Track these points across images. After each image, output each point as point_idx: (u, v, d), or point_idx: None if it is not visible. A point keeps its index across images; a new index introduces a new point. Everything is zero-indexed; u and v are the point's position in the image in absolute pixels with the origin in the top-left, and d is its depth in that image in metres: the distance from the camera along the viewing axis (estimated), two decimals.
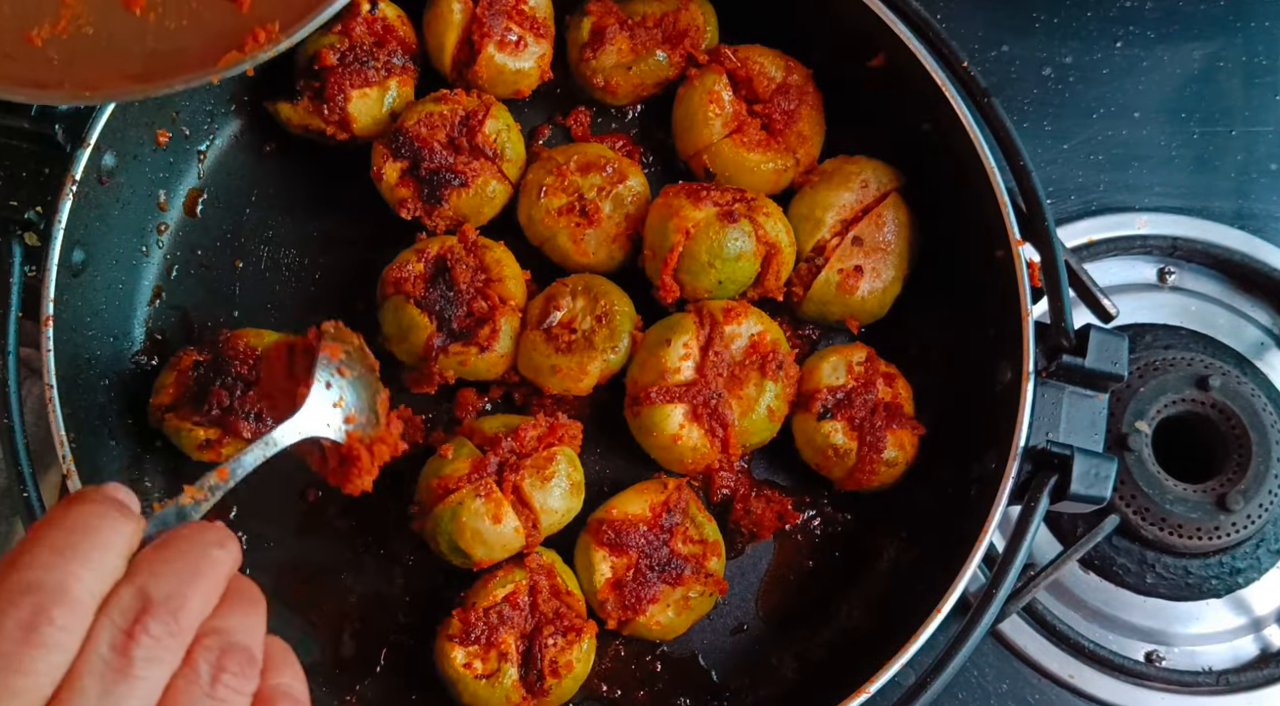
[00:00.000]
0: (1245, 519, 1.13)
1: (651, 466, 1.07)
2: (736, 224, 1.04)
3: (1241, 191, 1.29)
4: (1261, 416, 1.15)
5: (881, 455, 1.04)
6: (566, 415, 1.08)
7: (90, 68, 0.80)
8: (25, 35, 0.80)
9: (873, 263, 1.09)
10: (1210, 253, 1.25)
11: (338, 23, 1.09)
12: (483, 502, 0.98)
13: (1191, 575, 1.16)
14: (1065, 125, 1.30)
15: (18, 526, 1.20)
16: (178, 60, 0.79)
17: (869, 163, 1.12)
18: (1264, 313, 1.26)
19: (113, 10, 0.80)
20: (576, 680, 1.00)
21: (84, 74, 0.80)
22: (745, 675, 1.07)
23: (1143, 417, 1.16)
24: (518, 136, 1.13)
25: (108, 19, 0.80)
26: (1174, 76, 1.32)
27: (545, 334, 1.06)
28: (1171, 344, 1.22)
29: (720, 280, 1.06)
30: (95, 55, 0.80)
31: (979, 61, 1.30)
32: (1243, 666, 1.15)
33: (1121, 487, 1.14)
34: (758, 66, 1.13)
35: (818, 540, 1.10)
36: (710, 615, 1.07)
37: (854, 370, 1.07)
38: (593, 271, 1.10)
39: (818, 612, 1.09)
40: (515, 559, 1.02)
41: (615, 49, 1.15)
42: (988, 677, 1.14)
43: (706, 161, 1.12)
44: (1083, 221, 1.26)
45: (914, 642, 0.92)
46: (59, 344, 0.99)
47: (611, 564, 1.02)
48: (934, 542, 1.06)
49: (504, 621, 0.98)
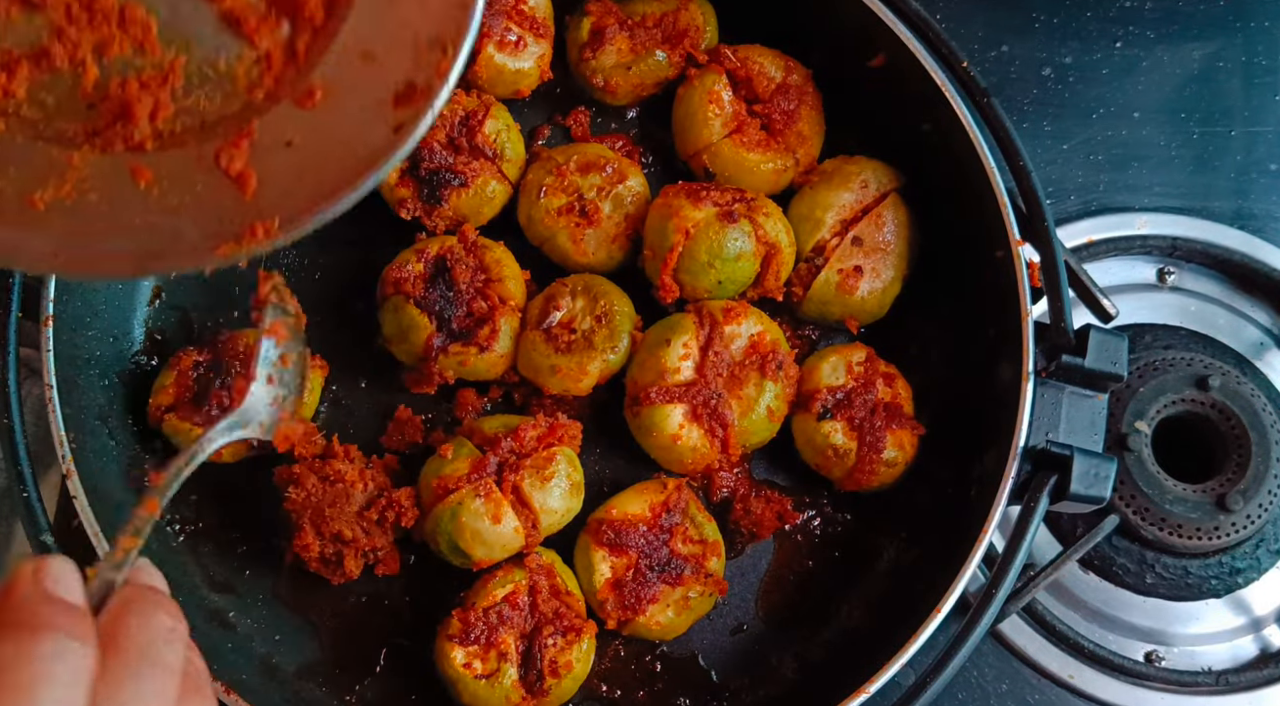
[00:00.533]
0: (1245, 519, 1.13)
1: (651, 466, 1.07)
2: (736, 224, 1.04)
3: (1241, 191, 1.29)
4: (1261, 416, 1.15)
5: (881, 455, 1.04)
6: (566, 415, 1.08)
7: (87, 236, 0.79)
8: (28, 198, 0.79)
9: (872, 263, 1.09)
10: (1210, 253, 1.25)
11: None
12: (482, 503, 0.98)
13: (1191, 575, 1.16)
14: (1065, 125, 1.30)
15: (17, 526, 1.20)
16: (174, 241, 0.78)
17: (869, 163, 1.12)
18: (1264, 313, 1.26)
19: (119, 179, 0.80)
20: (576, 680, 1.00)
21: (80, 244, 0.79)
22: (745, 675, 1.07)
23: (1142, 417, 1.16)
24: (517, 136, 1.13)
25: (112, 187, 0.80)
26: (1174, 76, 1.32)
27: (545, 334, 1.06)
28: (1171, 344, 1.22)
29: (720, 280, 1.06)
30: (94, 223, 0.79)
31: (979, 61, 1.30)
32: (1242, 666, 1.16)
33: (1121, 487, 1.14)
34: (758, 66, 1.13)
35: (818, 540, 1.10)
36: (710, 615, 1.07)
37: (854, 370, 1.07)
38: (593, 271, 1.10)
39: (818, 612, 1.09)
40: (515, 559, 1.02)
41: (615, 49, 1.15)
42: (988, 677, 1.14)
43: (706, 161, 1.12)
44: (1082, 221, 1.26)
45: (914, 642, 0.92)
46: (59, 344, 0.99)
47: (611, 564, 1.02)
48: (934, 542, 1.06)
49: (504, 621, 0.98)
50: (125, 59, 0.82)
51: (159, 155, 0.80)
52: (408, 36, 0.81)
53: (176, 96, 0.81)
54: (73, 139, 0.80)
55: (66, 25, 0.80)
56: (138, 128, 0.80)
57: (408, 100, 0.80)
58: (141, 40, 0.82)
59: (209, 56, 0.81)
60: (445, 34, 0.81)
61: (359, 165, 0.74)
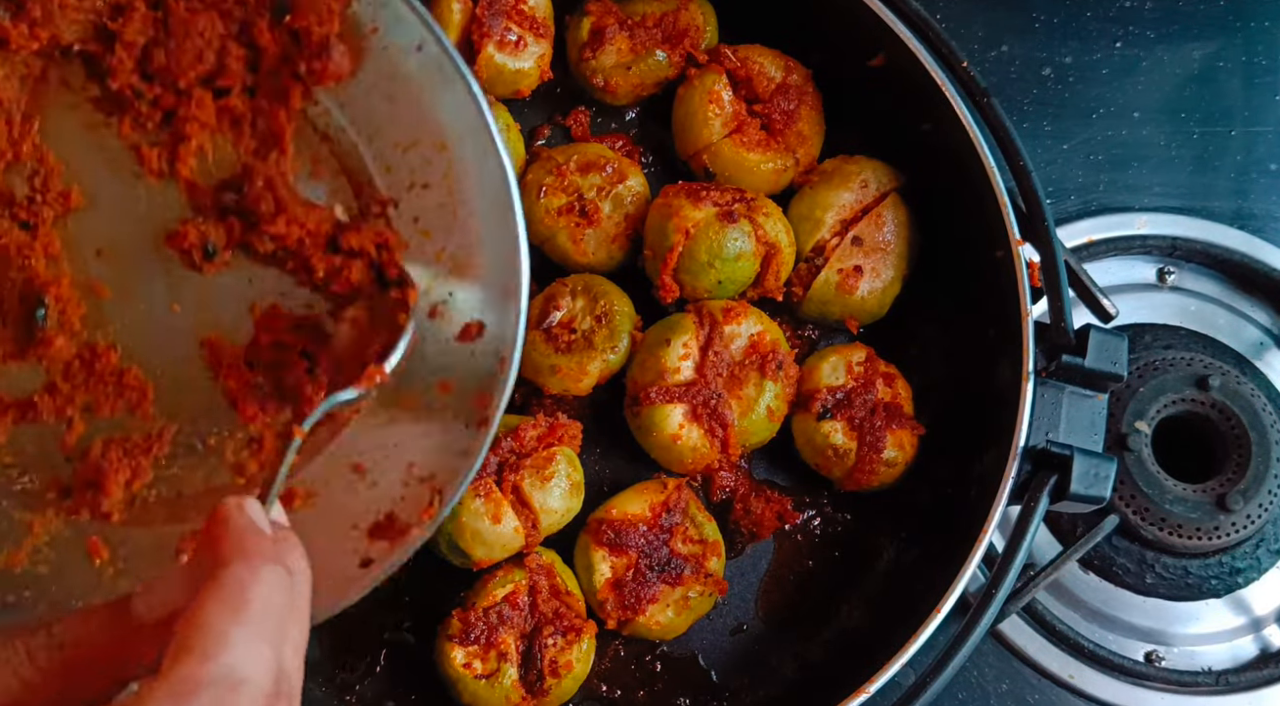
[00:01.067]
0: (1245, 519, 1.13)
1: (651, 466, 1.07)
2: (736, 224, 1.04)
3: (1241, 191, 1.29)
4: (1261, 416, 1.15)
5: (881, 455, 1.04)
6: (566, 415, 1.08)
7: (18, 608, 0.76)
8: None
9: (872, 263, 1.09)
10: (1210, 253, 1.25)
11: None
12: (482, 502, 0.98)
13: (1191, 575, 1.16)
14: (1065, 125, 1.30)
15: None
16: None
17: (869, 163, 1.12)
18: (1264, 313, 1.26)
19: (73, 553, 0.78)
20: (576, 680, 1.00)
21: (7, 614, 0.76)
22: (745, 675, 1.07)
23: (1142, 417, 1.16)
24: (517, 136, 1.13)
25: (65, 561, 0.78)
26: (1174, 76, 1.32)
27: (545, 334, 1.06)
28: (1171, 344, 1.22)
29: (720, 280, 1.06)
30: (33, 597, 0.77)
31: (979, 61, 1.30)
32: (1242, 666, 1.15)
33: (1121, 487, 1.14)
34: (758, 66, 1.13)
35: (818, 540, 1.10)
36: (710, 615, 1.07)
37: (854, 370, 1.07)
38: (593, 271, 1.10)
39: (818, 612, 1.09)
40: (515, 559, 1.02)
41: (615, 49, 1.15)
42: (988, 677, 1.14)
43: (706, 161, 1.12)
44: (1082, 221, 1.26)
45: (914, 642, 0.92)
46: None
47: (611, 564, 1.02)
48: (934, 542, 1.06)
49: (504, 621, 0.98)
50: (115, 420, 0.80)
51: (122, 530, 0.78)
52: (402, 462, 0.79)
53: (158, 464, 0.80)
54: (41, 495, 0.78)
55: (61, 382, 0.79)
56: (109, 498, 0.78)
57: (384, 533, 0.78)
58: (136, 405, 0.81)
59: (201, 430, 0.80)
60: (440, 476, 0.79)
61: (316, 598, 0.67)
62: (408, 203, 0.83)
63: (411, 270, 0.81)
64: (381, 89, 0.81)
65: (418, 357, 0.82)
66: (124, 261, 0.84)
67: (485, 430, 0.82)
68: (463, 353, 0.83)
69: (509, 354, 0.83)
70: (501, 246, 0.83)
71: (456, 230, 0.82)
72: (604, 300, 1.07)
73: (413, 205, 0.83)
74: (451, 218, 0.82)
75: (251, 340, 0.81)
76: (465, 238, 0.82)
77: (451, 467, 0.81)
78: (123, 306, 0.83)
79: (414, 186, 0.83)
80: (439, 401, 0.82)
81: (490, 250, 0.83)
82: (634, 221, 1.09)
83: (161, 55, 0.81)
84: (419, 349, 0.81)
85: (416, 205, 0.83)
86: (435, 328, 0.82)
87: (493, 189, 0.82)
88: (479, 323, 0.83)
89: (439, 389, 0.82)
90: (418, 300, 0.80)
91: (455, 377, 0.82)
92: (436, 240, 0.82)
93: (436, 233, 0.83)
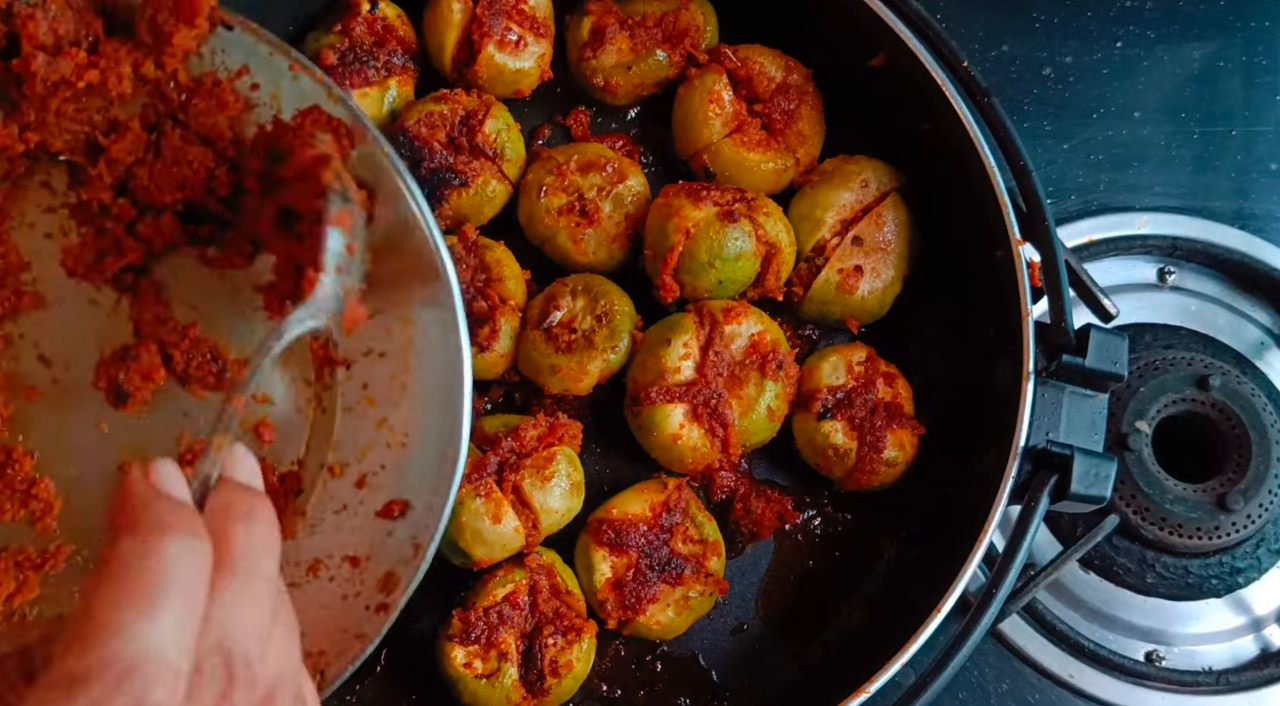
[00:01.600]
0: (1245, 519, 1.13)
1: (651, 466, 1.07)
2: (736, 224, 1.04)
3: (1241, 191, 1.29)
4: (1261, 416, 1.15)
5: (881, 455, 1.04)
6: (566, 415, 1.08)
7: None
8: None
9: (873, 262, 1.09)
10: (1210, 252, 1.25)
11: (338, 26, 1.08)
12: (482, 502, 0.98)
13: (1191, 575, 1.16)
14: (1065, 125, 1.30)
15: None
16: None
17: (869, 163, 1.12)
18: (1264, 313, 1.26)
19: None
20: (576, 680, 1.00)
21: None
22: (745, 675, 1.07)
23: (1143, 417, 1.16)
24: (518, 136, 1.13)
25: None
26: (1174, 76, 1.32)
27: (545, 334, 1.06)
28: (1171, 344, 1.22)
29: (720, 280, 1.06)
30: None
31: (979, 61, 1.30)
32: (1243, 666, 1.16)
33: (1121, 487, 1.14)
34: (758, 66, 1.13)
35: (818, 540, 1.10)
36: (710, 615, 1.07)
37: (854, 370, 1.07)
38: (593, 271, 1.10)
39: (818, 612, 1.09)
40: (515, 559, 1.02)
41: (615, 49, 1.15)
42: (988, 677, 1.14)
43: (706, 161, 1.12)
44: (1083, 221, 1.26)
45: (914, 642, 0.92)
46: None
47: (611, 564, 1.02)
48: (934, 542, 1.06)
49: (504, 621, 0.98)
50: (13, 527, 0.79)
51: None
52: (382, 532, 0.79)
53: (46, 582, 0.78)
54: None
55: None
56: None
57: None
58: (38, 517, 0.79)
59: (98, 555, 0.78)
60: (328, 653, 0.79)
61: None
62: (360, 367, 0.82)
63: (347, 429, 0.81)
64: None
65: (331, 526, 0.82)
66: (64, 372, 0.83)
67: (384, 616, 0.80)
68: (380, 529, 0.82)
69: (426, 542, 0.81)
70: (442, 434, 0.82)
71: (403, 405, 0.82)
72: (604, 300, 1.07)
73: (365, 370, 0.82)
74: (400, 392, 0.81)
75: None
76: (409, 415, 0.81)
77: (340, 648, 0.79)
78: (51, 415, 0.82)
79: (370, 353, 0.82)
80: (342, 575, 0.80)
81: (430, 434, 0.82)
82: (634, 221, 1.09)
83: (145, 176, 0.80)
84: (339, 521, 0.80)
85: (368, 371, 0.82)
86: (358, 497, 0.81)
87: (447, 374, 0.81)
88: (404, 502, 0.82)
89: (347, 563, 0.81)
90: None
91: (366, 555, 0.81)
92: (380, 409, 0.82)
93: (381, 403, 0.82)
